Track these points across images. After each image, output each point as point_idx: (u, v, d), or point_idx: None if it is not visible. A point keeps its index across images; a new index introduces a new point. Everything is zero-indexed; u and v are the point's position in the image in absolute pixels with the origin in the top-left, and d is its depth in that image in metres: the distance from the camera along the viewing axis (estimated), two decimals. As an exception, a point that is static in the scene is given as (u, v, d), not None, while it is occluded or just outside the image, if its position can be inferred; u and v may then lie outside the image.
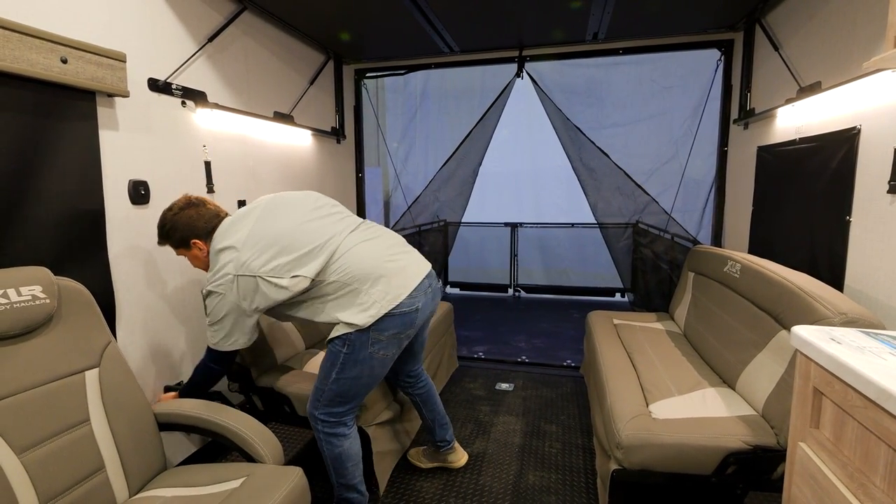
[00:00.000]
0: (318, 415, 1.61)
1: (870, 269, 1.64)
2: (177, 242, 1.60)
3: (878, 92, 1.59)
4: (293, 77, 2.82)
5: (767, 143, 2.42)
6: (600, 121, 3.22)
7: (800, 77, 2.14)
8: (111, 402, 1.31)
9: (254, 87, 2.46)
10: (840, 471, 0.88)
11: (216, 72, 2.18)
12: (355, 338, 1.51)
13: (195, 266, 1.68)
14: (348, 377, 1.56)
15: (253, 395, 1.95)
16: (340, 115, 3.34)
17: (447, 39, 2.90)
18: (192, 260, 1.65)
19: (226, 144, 2.26)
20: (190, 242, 1.59)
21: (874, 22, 1.65)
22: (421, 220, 3.75)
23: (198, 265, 1.67)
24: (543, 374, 3.20)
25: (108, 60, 1.53)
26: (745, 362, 1.79)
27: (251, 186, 2.44)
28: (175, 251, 1.64)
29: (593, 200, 3.33)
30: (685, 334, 2.50)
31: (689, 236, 3.14)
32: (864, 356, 0.87)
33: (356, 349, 1.52)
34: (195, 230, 1.58)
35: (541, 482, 2.04)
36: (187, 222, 1.57)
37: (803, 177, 2.06)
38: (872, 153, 1.63)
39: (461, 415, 2.62)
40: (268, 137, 2.58)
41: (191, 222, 1.57)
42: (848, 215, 1.75)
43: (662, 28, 2.81)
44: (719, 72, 2.96)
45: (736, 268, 2.08)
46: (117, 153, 1.68)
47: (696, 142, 3.11)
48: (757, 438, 1.47)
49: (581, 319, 4.64)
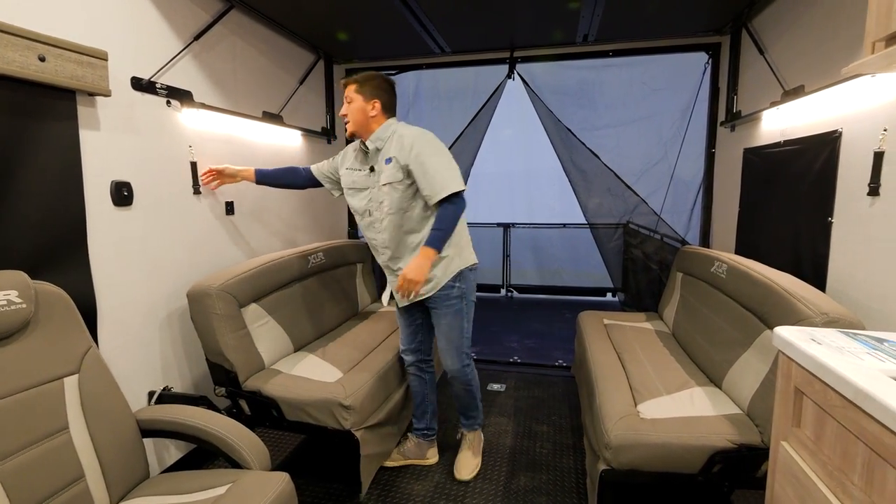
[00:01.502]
0: (466, 366, 1.98)
1: (850, 270, 1.67)
2: (368, 91, 1.83)
3: (857, 96, 1.62)
4: (282, 77, 2.81)
5: (753, 145, 2.45)
6: (591, 122, 3.24)
7: (784, 81, 2.16)
8: (92, 409, 1.29)
9: (242, 86, 2.44)
10: (820, 469, 0.89)
11: (203, 71, 2.16)
12: (467, 274, 1.89)
13: (351, 117, 1.84)
14: (471, 316, 1.96)
15: (240, 400, 1.93)
16: (331, 116, 3.32)
17: (438, 40, 2.90)
18: (356, 112, 1.83)
19: (213, 145, 2.23)
20: (374, 100, 1.83)
21: (855, 27, 1.67)
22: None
23: (356, 117, 1.84)
24: (535, 375, 3.21)
25: (89, 59, 1.51)
26: (730, 362, 1.80)
27: (240, 187, 2.42)
28: (350, 96, 1.84)
29: (584, 201, 3.34)
30: (674, 334, 2.52)
31: (677, 237, 3.16)
32: (843, 356, 0.88)
33: (469, 285, 1.91)
34: (385, 95, 1.86)
35: (531, 483, 2.04)
36: (387, 88, 1.87)
37: (787, 178, 2.09)
38: (853, 156, 1.65)
39: (453, 416, 2.61)
40: (256, 137, 2.56)
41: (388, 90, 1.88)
42: (830, 217, 1.77)
43: (652, 31, 2.83)
44: (707, 74, 2.99)
45: (722, 268, 2.10)
46: (99, 153, 1.65)
47: (684, 143, 3.14)
48: (742, 437, 1.49)
49: (573, 319, 4.63)
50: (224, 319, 1.88)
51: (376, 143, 1.84)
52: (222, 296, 1.88)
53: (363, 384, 1.92)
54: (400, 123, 1.88)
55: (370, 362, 2.14)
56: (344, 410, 1.80)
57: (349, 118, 1.84)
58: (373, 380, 1.98)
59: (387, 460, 2.13)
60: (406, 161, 1.77)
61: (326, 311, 2.60)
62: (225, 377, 1.91)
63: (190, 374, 2.11)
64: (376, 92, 1.83)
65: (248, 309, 2.03)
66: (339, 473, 2.09)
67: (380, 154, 1.85)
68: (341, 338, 2.45)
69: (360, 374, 2.01)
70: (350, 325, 2.67)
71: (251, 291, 2.05)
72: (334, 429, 1.82)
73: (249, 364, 1.97)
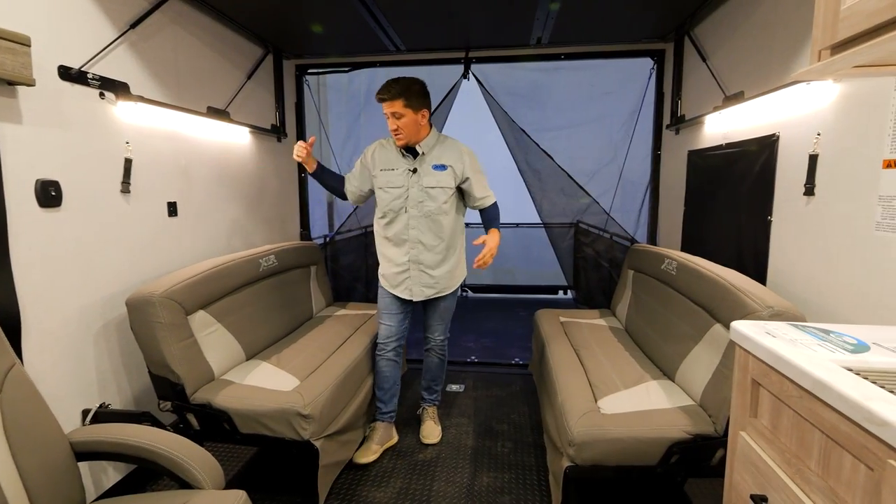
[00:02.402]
0: (446, 339, 2.34)
1: (788, 266, 1.78)
2: (416, 102, 1.94)
3: (793, 102, 1.73)
4: (229, 70, 2.66)
5: (697, 148, 2.58)
6: (544, 123, 3.30)
7: (725, 86, 2.29)
8: (16, 433, 1.15)
9: (185, 79, 2.28)
10: (778, 457, 0.93)
11: (141, 62, 2.00)
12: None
13: (405, 132, 1.96)
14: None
15: (187, 414, 1.80)
16: (281, 113, 3.19)
17: (393, 38, 2.85)
18: (409, 126, 1.95)
19: (154, 141, 2.08)
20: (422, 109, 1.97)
21: (790, 38, 1.79)
22: (367, 221, 3.67)
23: (410, 131, 1.96)
24: (493, 374, 3.23)
25: (9, 44, 1.35)
26: (682, 355, 1.88)
27: (183, 187, 2.27)
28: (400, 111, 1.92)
29: (539, 201, 3.41)
30: (627, 329, 2.61)
31: (627, 235, 3.28)
32: (796, 349, 0.92)
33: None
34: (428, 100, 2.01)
35: (494, 483, 2.04)
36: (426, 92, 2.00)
37: (730, 179, 2.21)
38: (790, 158, 1.77)
39: (413, 419, 2.58)
40: (201, 134, 2.41)
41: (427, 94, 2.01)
42: (769, 215, 1.89)
43: (601, 36, 2.92)
44: (652, 79, 3.12)
45: (672, 265, 2.19)
46: (21, 149, 1.49)
47: (632, 145, 3.27)
48: (697, 427, 1.55)
49: (528, 317, 4.72)
50: (169, 328, 1.74)
51: (424, 149, 2.04)
52: (166, 303, 1.75)
53: (322, 391, 1.84)
54: (442, 134, 2.14)
55: (328, 368, 2.07)
56: (303, 420, 1.72)
57: (402, 133, 1.97)
58: (332, 386, 1.91)
59: (362, 458, 2.12)
60: (464, 172, 2.07)
61: (279, 316, 2.49)
62: (170, 390, 1.78)
63: (130, 388, 1.95)
64: (422, 101, 1.98)
65: (196, 316, 1.90)
66: (297, 485, 2.00)
67: (426, 158, 2.04)
68: (296, 344, 2.35)
69: (319, 380, 1.93)
70: (304, 331, 2.57)
71: (198, 297, 1.92)
72: (292, 439, 1.74)
73: (197, 375, 1.84)
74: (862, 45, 0.81)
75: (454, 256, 2.17)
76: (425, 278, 2.12)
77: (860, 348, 0.92)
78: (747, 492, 1.01)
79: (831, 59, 0.87)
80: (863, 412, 0.69)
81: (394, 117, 1.94)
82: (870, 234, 1.37)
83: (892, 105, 1.30)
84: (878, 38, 0.78)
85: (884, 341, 0.96)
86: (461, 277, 2.27)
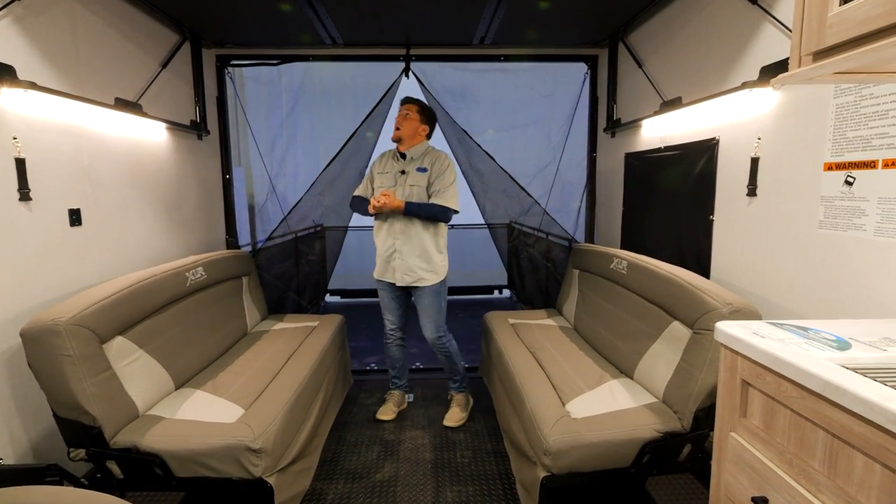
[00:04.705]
0: (442, 336, 2.52)
1: (731, 262, 1.89)
2: (426, 118, 2.44)
3: (733, 108, 1.83)
4: (140, 57, 2.32)
5: (635, 150, 2.68)
6: (485, 124, 3.28)
7: (662, 92, 2.40)
8: None
9: (86, 65, 1.95)
10: (777, 457, 0.94)
11: (30, 42, 1.67)
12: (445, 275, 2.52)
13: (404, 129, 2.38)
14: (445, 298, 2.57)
15: (107, 462, 1.52)
16: (202, 107, 2.86)
17: (330, 29, 2.66)
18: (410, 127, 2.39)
19: (50, 137, 1.74)
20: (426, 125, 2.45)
21: (726, 49, 1.90)
22: (300, 226, 3.43)
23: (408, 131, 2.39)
24: (441, 380, 3.14)
25: None
26: (640, 353, 1.93)
27: (87, 190, 1.93)
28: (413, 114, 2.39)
29: (482, 202, 3.38)
30: (576, 328, 2.65)
31: (566, 235, 3.36)
32: (788, 348, 0.94)
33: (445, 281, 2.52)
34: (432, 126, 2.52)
35: (459, 498, 1.96)
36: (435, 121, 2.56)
37: (669, 181, 2.31)
38: (731, 161, 1.87)
39: (365, 436, 2.43)
40: (108, 130, 2.07)
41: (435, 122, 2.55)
42: (711, 215, 1.99)
43: (540, 39, 2.95)
44: (587, 84, 3.22)
45: (622, 264, 2.25)
46: None
47: (568, 148, 3.35)
48: (666, 425, 1.58)
49: (467, 319, 4.72)
50: (79, 361, 1.46)
51: (413, 154, 2.42)
52: (75, 331, 1.46)
53: (273, 420, 1.65)
54: (432, 146, 2.50)
55: (275, 392, 1.86)
56: (253, 455, 1.52)
57: (402, 128, 2.38)
58: (283, 413, 1.71)
59: (384, 416, 2.59)
60: (431, 175, 2.40)
61: (211, 335, 2.22)
62: (84, 435, 1.49)
63: (27, 437, 1.61)
64: (430, 122, 2.48)
65: (113, 344, 1.62)
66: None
67: (413, 163, 2.41)
68: (233, 365, 2.11)
69: (267, 407, 1.73)
70: (241, 349, 2.32)
71: (115, 321, 1.64)
72: (241, 478, 1.53)
73: (118, 414, 1.56)
74: (851, 51, 0.83)
75: (432, 249, 2.42)
76: (405, 266, 2.43)
77: (843, 345, 0.96)
78: (743, 493, 1.02)
79: (818, 63, 0.89)
80: (886, 414, 0.70)
81: (403, 116, 2.39)
82: (813, 233, 1.48)
83: (831, 111, 1.41)
84: (870, 44, 0.80)
85: (858, 336, 1.00)
86: (441, 274, 2.47)
